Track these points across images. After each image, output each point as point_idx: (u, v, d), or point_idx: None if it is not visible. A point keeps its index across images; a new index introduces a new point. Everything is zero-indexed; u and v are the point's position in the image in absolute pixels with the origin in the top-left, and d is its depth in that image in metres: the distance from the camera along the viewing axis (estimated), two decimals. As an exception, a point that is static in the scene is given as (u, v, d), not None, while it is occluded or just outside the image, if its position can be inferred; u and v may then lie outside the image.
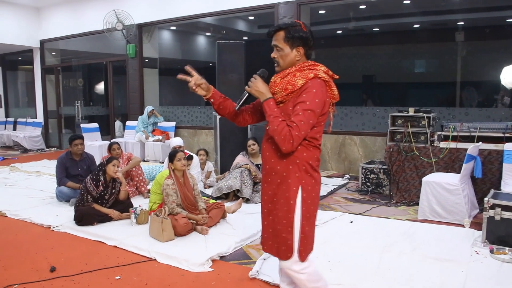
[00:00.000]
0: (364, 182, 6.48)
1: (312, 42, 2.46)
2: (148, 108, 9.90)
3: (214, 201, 5.20)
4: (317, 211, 2.49)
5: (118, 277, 3.50)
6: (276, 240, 2.44)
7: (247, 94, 2.48)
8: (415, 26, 10.34)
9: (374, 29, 11.00)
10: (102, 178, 5.00)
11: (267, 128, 2.36)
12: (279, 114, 2.33)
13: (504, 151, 5.09)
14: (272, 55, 2.46)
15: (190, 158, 6.32)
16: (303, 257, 2.40)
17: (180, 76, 2.48)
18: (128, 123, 10.82)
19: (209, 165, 6.96)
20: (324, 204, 5.74)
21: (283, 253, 2.41)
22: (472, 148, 4.81)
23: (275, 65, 2.48)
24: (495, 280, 3.32)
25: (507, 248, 3.85)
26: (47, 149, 12.63)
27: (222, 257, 3.89)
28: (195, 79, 2.47)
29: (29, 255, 4.03)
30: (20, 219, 5.21)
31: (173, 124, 10.21)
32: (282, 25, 2.44)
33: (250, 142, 6.25)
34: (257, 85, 2.41)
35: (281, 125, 2.27)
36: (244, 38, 11.42)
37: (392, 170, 5.86)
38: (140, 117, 9.93)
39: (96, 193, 4.97)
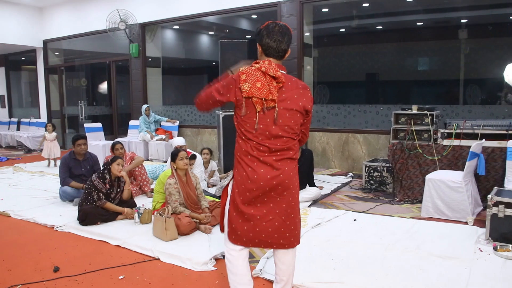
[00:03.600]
0: (368, 180, 6.48)
1: (263, 37, 2.49)
2: (143, 107, 9.91)
3: (218, 200, 5.19)
4: (249, 206, 2.57)
5: (121, 277, 3.51)
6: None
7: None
8: (418, 24, 10.30)
9: (377, 27, 10.97)
10: (108, 177, 5.02)
11: None
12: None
13: (508, 148, 5.06)
14: None
15: (193, 157, 6.32)
16: (230, 237, 2.66)
17: None
18: (132, 122, 10.83)
19: (213, 164, 6.96)
20: (328, 202, 5.74)
21: (221, 228, 2.85)
22: (475, 145, 4.80)
23: None
24: (499, 277, 3.32)
25: (510, 245, 3.84)
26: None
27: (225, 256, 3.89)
28: None
29: (33, 255, 4.04)
30: (24, 219, 5.22)
31: (176, 123, 10.22)
32: None
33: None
34: None
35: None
36: (247, 37, 11.38)
37: (396, 168, 5.85)
38: (140, 117, 9.94)
39: (105, 190, 4.99)
